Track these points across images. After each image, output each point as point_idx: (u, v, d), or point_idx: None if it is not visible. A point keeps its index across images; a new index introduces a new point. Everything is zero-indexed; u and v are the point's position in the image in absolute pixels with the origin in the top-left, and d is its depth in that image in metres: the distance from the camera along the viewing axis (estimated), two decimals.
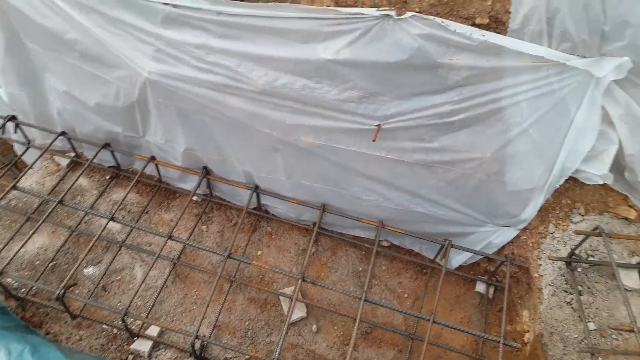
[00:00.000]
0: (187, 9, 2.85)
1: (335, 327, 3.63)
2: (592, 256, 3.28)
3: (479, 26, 2.81)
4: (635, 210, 3.35)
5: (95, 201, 3.76)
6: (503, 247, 3.64)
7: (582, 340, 3.05)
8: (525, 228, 3.52)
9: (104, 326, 3.40)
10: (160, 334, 3.36)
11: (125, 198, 3.63)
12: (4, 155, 4.83)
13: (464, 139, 3.09)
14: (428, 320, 3.16)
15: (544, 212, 3.46)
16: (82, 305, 3.33)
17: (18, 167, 4.51)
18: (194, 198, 4.07)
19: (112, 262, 3.54)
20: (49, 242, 3.71)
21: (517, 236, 3.56)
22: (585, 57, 2.82)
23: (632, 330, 2.71)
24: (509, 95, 2.89)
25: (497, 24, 2.83)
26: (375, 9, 2.69)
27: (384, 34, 2.71)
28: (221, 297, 3.59)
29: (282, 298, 3.67)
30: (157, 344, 3.33)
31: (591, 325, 3.06)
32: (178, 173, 3.91)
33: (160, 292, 3.51)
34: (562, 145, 3.09)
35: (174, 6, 2.86)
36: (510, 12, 2.80)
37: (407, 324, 3.71)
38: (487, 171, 3.20)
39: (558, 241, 3.42)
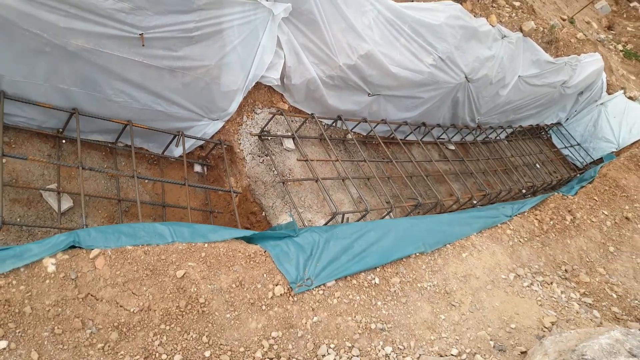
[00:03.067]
0: None
1: (100, 211, 4.26)
2: (270, 132, 5.19)
3: None
4: (287, 104, 5.44)
5: None
6: (213, 136, 5.09)
7: (274, 180, 4.95)
8: (228, 120, 5.07)
9: None
10: None
11: None
12: None
13: (198, 51, 4.29)
14: (184, 184, 4.36)
15: (239, 108, 5.09)
16: None
17: None
18: None
19: None
20: None
21: (223, 126, 5.08)
22: (268, 0, 4.52)
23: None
24: (227, 20, 4.29)
25: None
26: None
27: None
28: None
29: (45, 194, 3.98)
30: None
31: (275, 172, 4.98)
32: None
33: None
34: (254, 59, 4.75)
35: None
36: None
37: (154, 200, 4.70)
38: (211, 76, 4.53)
39: (250, 126, 5.16)
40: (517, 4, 8.73)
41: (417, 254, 4.40)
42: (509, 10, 8.16)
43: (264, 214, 4.87)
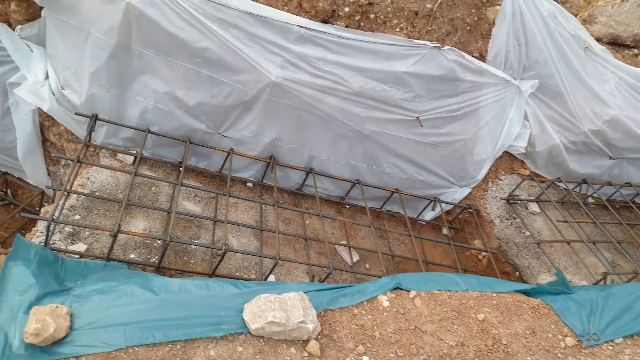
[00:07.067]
0: (317, 32, 4.04)
1: (378, 265, 5.00)
2: (519, 196, 5.53)
3: (475, 57, 4.75)
4: (528, 170, 5.76)
5: (173, 191, 4.36)
6: (460, 201, 5.62)
7: (525, 242, 5.21)
8: (475, 186, 5.58)
9: None
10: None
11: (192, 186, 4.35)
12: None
13: (459, 127, 4.98)
14: (449, 244, 4.91)
15: (485, 175, 5.58)
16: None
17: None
18: (249, 184, 4.91)
19: (213, 235, 4.23)
20: (149, 224, 4.10)
21: (469, 192, 5.59)
22: (515, 79, 5.07)
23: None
24: (483, 99, 4.93)
25: (481, 57, 4.83)
26: (430, 42, 4.40)
27: (433, 58, 4.43)
28: (301, 253, 4.60)
29: (339, 249, 4.87)
30: None
31: (528, 232, 5.24)
32: (243, 163, 4.73)
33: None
34: (502, 130, 5.26)
35: (308, 29, 4.01)
36: (487, 51, 4.85)
37: (414, 257, 5.31)
38: (467, 147, 5.15)
39: (495, 191, 5.59)
40: None
41: None
42: None
43: (517, 273, 5.11)
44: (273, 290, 3.31)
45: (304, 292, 3.32)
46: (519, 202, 5.47)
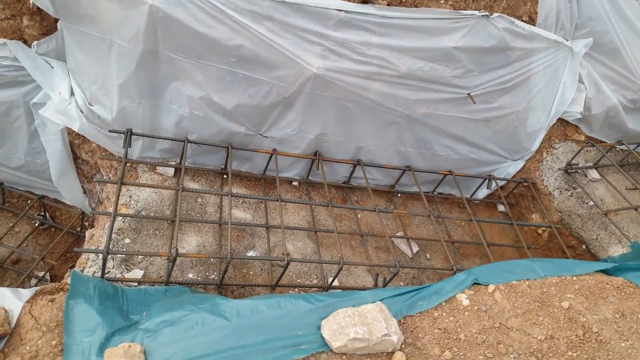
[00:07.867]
0: (357, 14, 3.71)
1: (438, 253, 4.76)
2: (577, 164, 5.19)
3: (524, 22, 4.39)
4: (583, 135, 5.41)
5: (221, 200, 4.15)
6: (514, 175, 5.31)
7: (589, 212, 4.90)
8: (528, 158, 5.25)
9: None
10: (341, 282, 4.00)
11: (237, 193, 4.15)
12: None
13: (510, 99, 4.63)
14: (511, 224, 4.64)
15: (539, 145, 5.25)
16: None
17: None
18: (294, 183, 4.68)
19: (269, 243, 4.02)
20: (201, 239, 3.91)
21: (523, 165, 5.27)
22: (567, 40, 4.68)
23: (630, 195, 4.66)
24: (535, 66, 4.56)
25: (530, 21, 4.46)
26: (477, 11, 4.04)
27: (482, 28, 4.07)
28: (358, 250, 4.38)
29: (397, 241, 4.64)
30: None
31: (592, 202, 4.93)
32: (287, 162, 4.49)
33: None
34: (556, 96, 4.91)
35: (347, 12, 3.69)
36: (537, 13, 4.47)
37: (473, 239, 5.04)
38: (519, 120, 4.81)
39: (550, 161, 5.26)
40: None
41: None
42: None
43: (584, 247, 4.83)
44: (347, 302, 3.10)
45: (380, 301, 3.11)
46: (578, 170, 5.14)
